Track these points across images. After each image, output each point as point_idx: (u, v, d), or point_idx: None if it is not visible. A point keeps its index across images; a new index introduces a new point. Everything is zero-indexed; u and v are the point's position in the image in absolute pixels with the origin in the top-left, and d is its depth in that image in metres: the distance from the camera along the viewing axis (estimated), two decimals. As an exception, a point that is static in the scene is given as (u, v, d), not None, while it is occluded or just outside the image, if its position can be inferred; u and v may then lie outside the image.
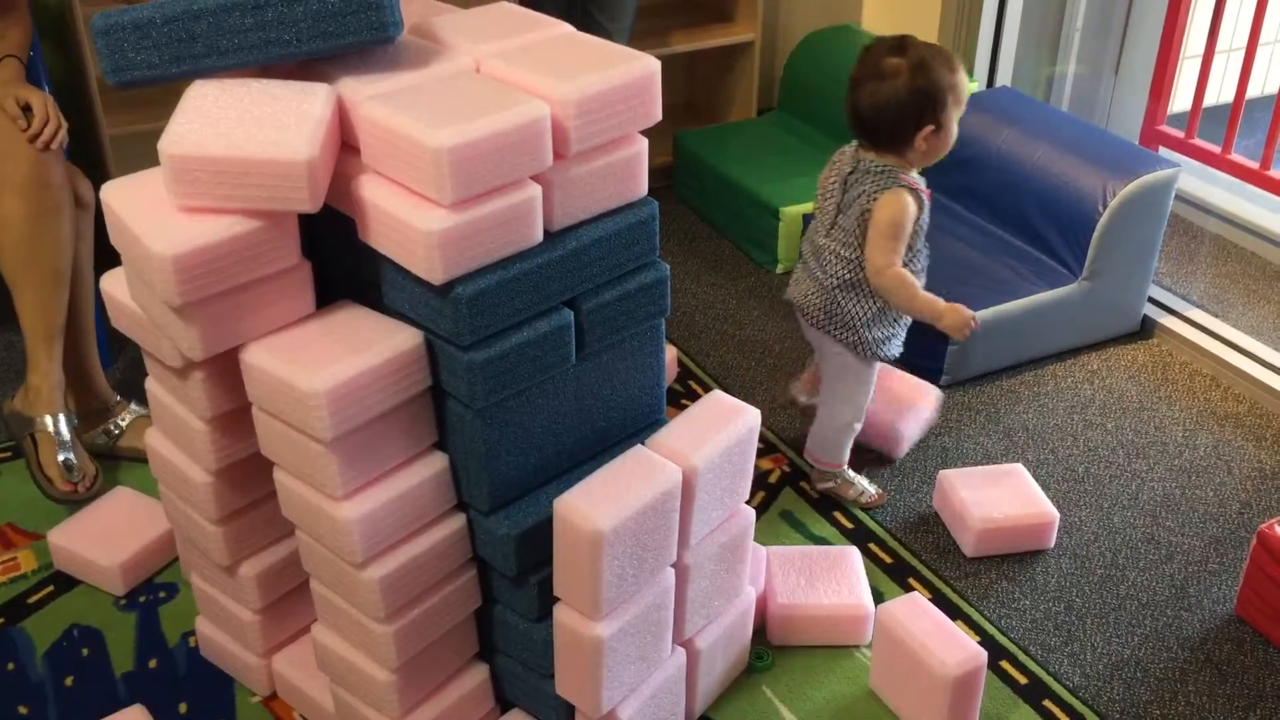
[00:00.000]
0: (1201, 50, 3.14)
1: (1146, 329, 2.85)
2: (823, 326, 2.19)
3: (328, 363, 1.54)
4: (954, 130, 2.08)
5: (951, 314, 2.10)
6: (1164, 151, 3.22)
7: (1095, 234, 2.64)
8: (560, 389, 1.71)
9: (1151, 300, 2.88)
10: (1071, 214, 2.69)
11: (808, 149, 3.37)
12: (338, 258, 1.72)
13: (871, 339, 2.17)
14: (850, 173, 2.13)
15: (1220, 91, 3.43)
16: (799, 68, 3.55)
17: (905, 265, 2.09)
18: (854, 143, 2.16)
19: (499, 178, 1.52)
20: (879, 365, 2.24)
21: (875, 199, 2.06)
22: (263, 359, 1.57)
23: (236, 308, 1.56)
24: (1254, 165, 3.07)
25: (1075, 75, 3.52)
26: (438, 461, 1.68)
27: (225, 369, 1.64)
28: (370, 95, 1.55)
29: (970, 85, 3.15)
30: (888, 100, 2.02)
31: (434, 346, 1.61)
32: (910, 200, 2.06)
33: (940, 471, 2.29)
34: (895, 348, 2.22)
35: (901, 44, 2.04)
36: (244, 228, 1.51)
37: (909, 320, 2.21)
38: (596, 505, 1.57)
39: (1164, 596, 2.13)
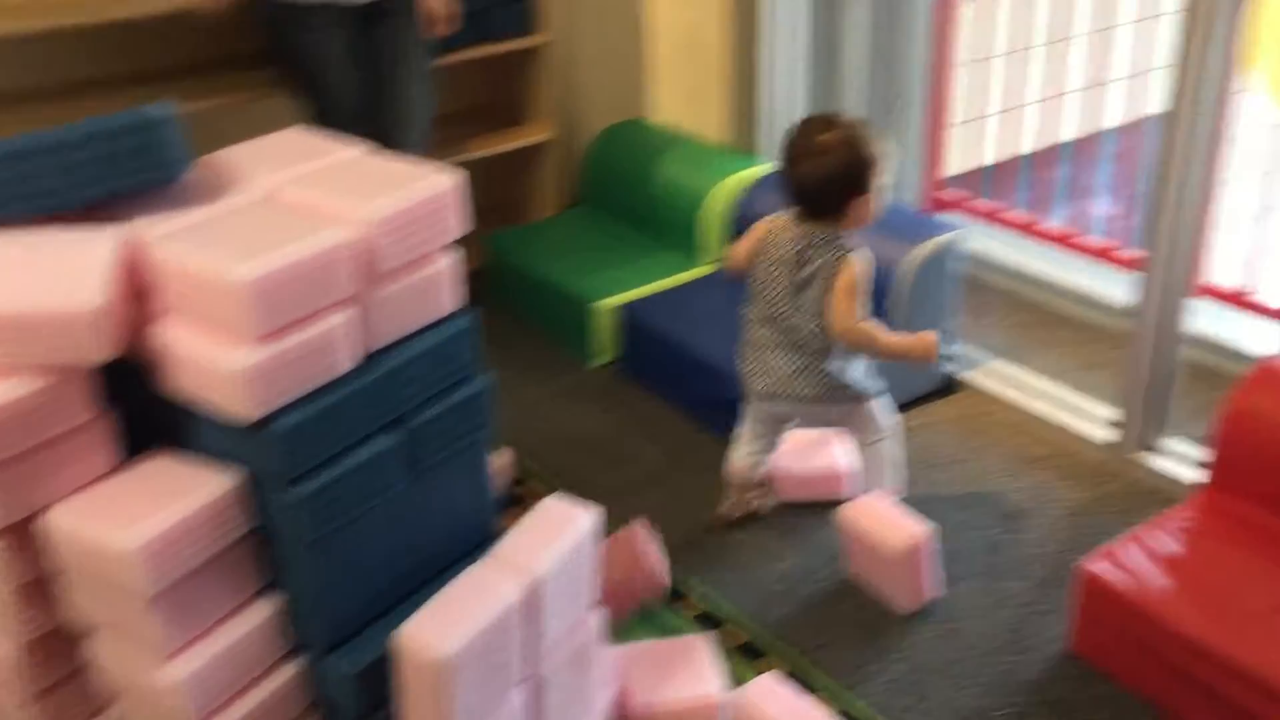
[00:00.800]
0: (968, 117, 3.35)
1: (953, 384, 2.98)
2: (827, 400, 2.30)
3: (140, 517, 1.46)
4: (879, 197, 2.24)
5: (919, 345, 2.28)
6: (947, 214, 3.40)
7: (895, 299, 2.76)
8: (391, 514, 1.66)
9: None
10: (872, 283, 2.80)
11: (614, 242, 3.43)
12: (144, 403, 1.63)
13: (867, 383, 2.36)
14: (804, 248, 2.23)
15: (990, 154, 3.67)
16: (597, 162, 3.62)
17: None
18: (784, 216, 2.28)
19: (305, 306, 1.48)
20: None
21: (837, 267, 2.21)
22: (69, 521, 1.48)
23: (33, 471, 1.47)
24: (1029, 220, 3.28)
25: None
26: (268, 605, 1.61)
27: (28, 535, 1.53)
28: (162, 234, 1.50)
29: (762, 166, 3.28)
30: (828, 174, 2.16)
31: (254, 486, 1.54)
32: (867, 259, 2.24)
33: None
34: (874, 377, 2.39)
35: (830, 121, 2.20)
36: (30, 388, 1.43)
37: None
38: (438, 632, 1.53)
39: (1001, 643, 2.20)
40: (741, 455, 2.48)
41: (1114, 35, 3.07)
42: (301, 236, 1.48)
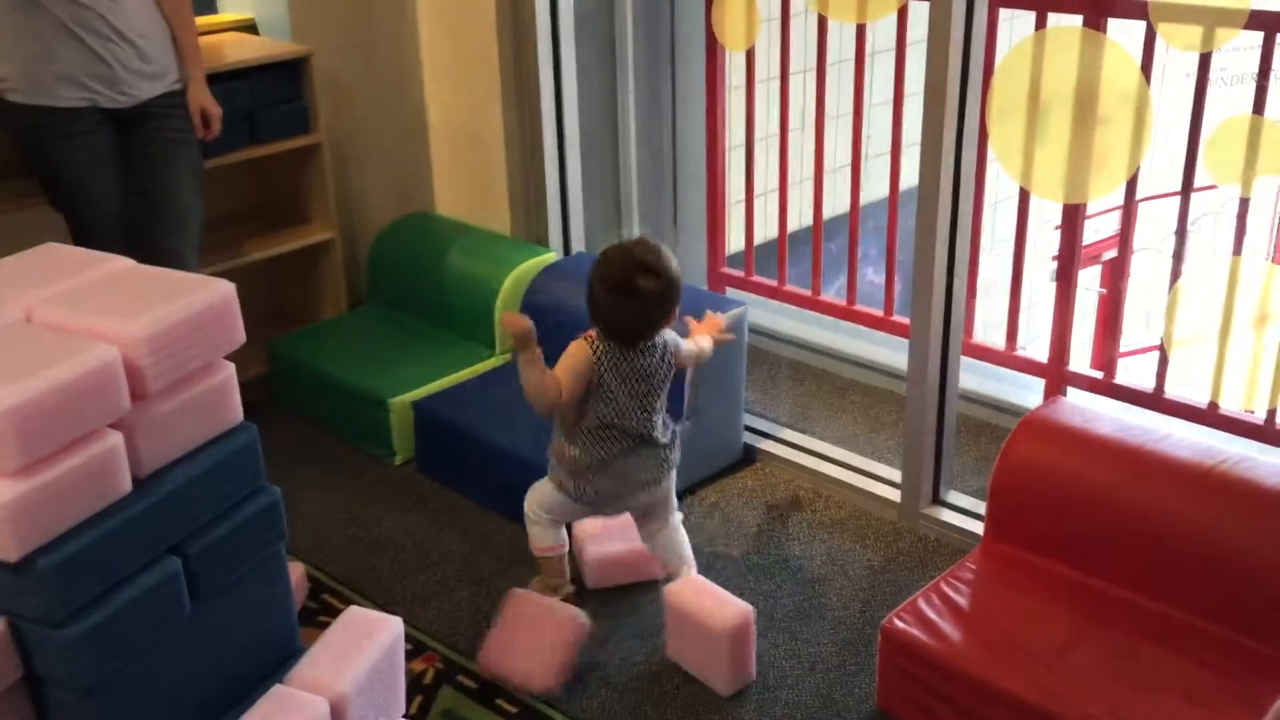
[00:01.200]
0: (743, 197, 3.49)
1: (749, 456, 3.05)
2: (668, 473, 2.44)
3: (-114, 678, 1.32)
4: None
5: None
6: (730, 291, 3.52)
7: (688, 377, 2.82)
8: (179, 644, 1.57)
9: (748, 428, 3.09)
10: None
11: (404, 336, 3.38)
12: (-115, 551, 1.50)
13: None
14: (650, 361, 2.33)
15: (766, 230, 3.81)
16: (382, 259, 3.58)
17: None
18: (603, 343, 2.32)
19: (70, 432, 1.40)
20: None
21: (674, 354, 2.39)
22: None
23: None
24: (807, 292, 3.42)
25: (641, 233, 3.79)
26: (44, 759, 1.48)
27: None
28: (-99, 367, 1.39)
29: (550, 255, 3.32)
30: (649, 311, 2.28)
31: (20, 629, 1.43)
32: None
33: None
34: None
35: (643, 263, 2.26)
36: None
37: None
38: (239, 764, 1.44)
39: (814, 707, 2.24)
40: (550, 532, 2.47)
41: (871, 115, 3.27)
42: (63, 359, 1.40)
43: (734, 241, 3.68)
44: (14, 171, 2.91)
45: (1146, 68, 2.54)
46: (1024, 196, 2.91)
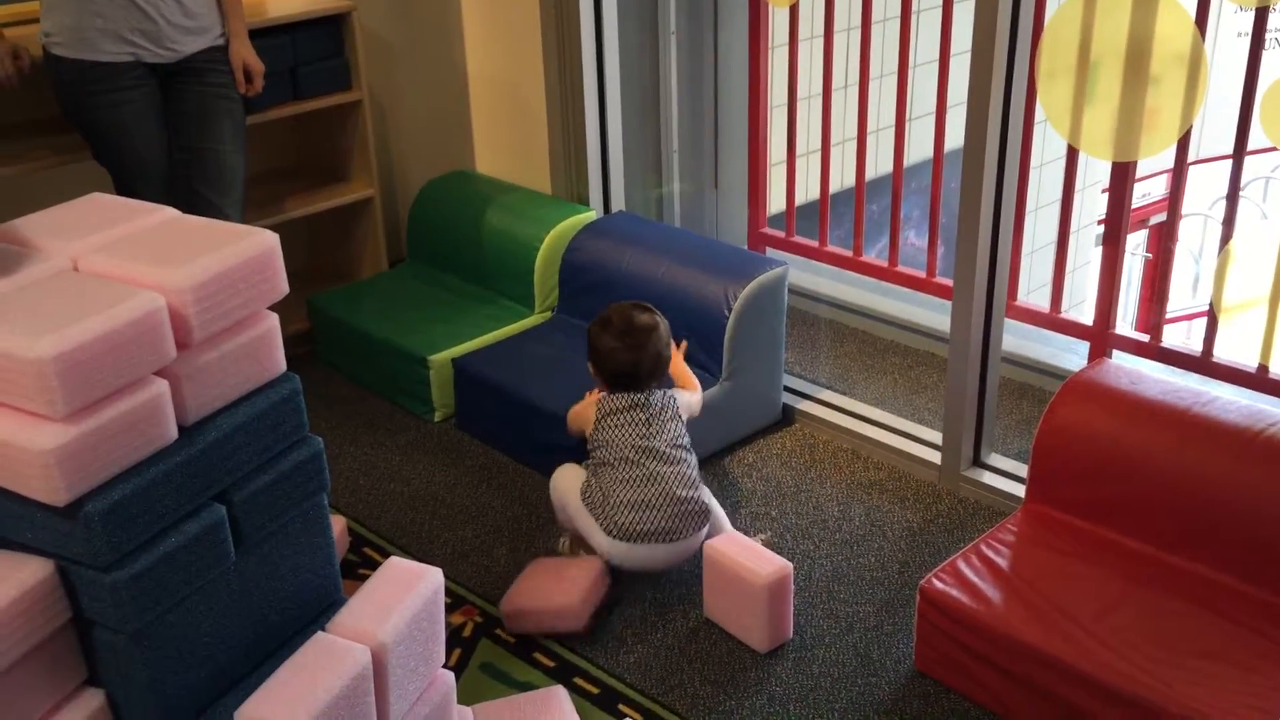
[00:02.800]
0: (785, 157, 3.45)
1: (788, 416, 3.04)
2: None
3: (-60, 617, 1.35)
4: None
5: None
6: (770, 251, 3.49)
7: (726, 337, 2.81)
8: (223, 591, 1.59)
9: (787, 389, 3.08)
10: (702, 321, 2.84)
11: (444, 294, 3.39)
12: (-63, 495, 1.52)
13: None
14: (658, 423, 2.43)
15: (807, 191, 3.78)
16: (423, 217, 3.58)
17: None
18: (629, 401, 2.44)
19: (117, 379, 1.41)
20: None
21: (676, 404, 2.49)
22: None
23: None
24: (848, 253, 3.38)
25: (681, 193, 3.77)
26: (92, 700, 1.51)
27: None
28: (-48, 312, 1.41)
29: (589, 214, 3.31)
30: (663, 344, 2.48)
31: (69, 573, 1.45)
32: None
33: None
34: None
35: (638, 305, 2.52)
36: None
37: None
38: (282, 708, 1.46)
39: (852, 667, 2.24)
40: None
41: (915, 74, 3.23)
42: (108, 307, 1.41)
43: (774, 202, 3.65)
44: (59, 126, 2.93)
45: (1201, 23, 2.48)
46: (1071, 158, 2.86)
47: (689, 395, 2.61)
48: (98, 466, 1.40)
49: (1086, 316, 2.89)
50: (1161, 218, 6.47)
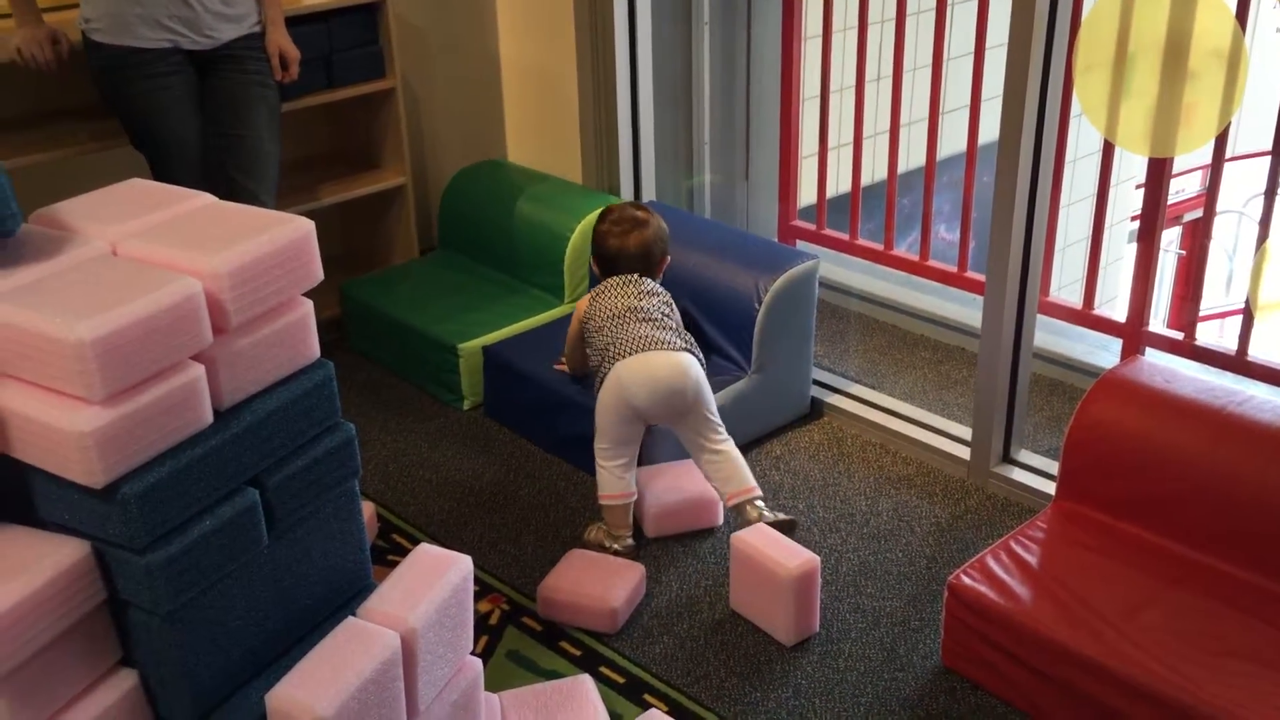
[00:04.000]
0: (816, 150, 3.44)
1: (816, 410, 3.03)
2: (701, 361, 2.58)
3: (-21, 596, 1.37)
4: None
5: None
6: (801, 244, 3.48)
7: (756, 329, 2.81)
8: (256, 574, 1.60)
9: (816, 382, 3.08)
10: (732, 313, 2.84)
11: (475, 282, 3.40)
12: (-23, 475, 1.54)
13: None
14: (645, 294, 2.62)
15: (838, 184, 3.77)
16: (454, 205, 3.59)
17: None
18: (619, 278, 2.64)
19: (154, 363, 1.42)
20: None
21: (672, 303, 2.67)
22: (-103, 605, 1.37)
23: None
24: (879, 247, 3.37)
25: (712, 184, 3.76)
26: (126, 679, 1.53)
27: None
28: (-6, 294, 1.42)
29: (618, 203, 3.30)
30: (650, 239, 2.67)
31: (104, 554, 1.47)
32: None
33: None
34: None
35: (635, 204, 2.78)
36: None
37: None
38: (312, 691, 1.47)
39: (878, 661, 2.24)
40: (619, 479, 2.50)
41: (949, 67, 3.20)
42: (146, 292, 1.42)
43: (804, 195, 3.64)
44: (98, 112, 2.96)
45: (1242, 18, 2.45)
46: (1107, 153, 2.84)
47: None
48: (134, 449, 1.41)
49: (1117, 314, 2.87)
50: (1195, 215, 6.40)
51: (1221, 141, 2.62)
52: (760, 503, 2.50)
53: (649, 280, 2.66)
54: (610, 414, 2.50)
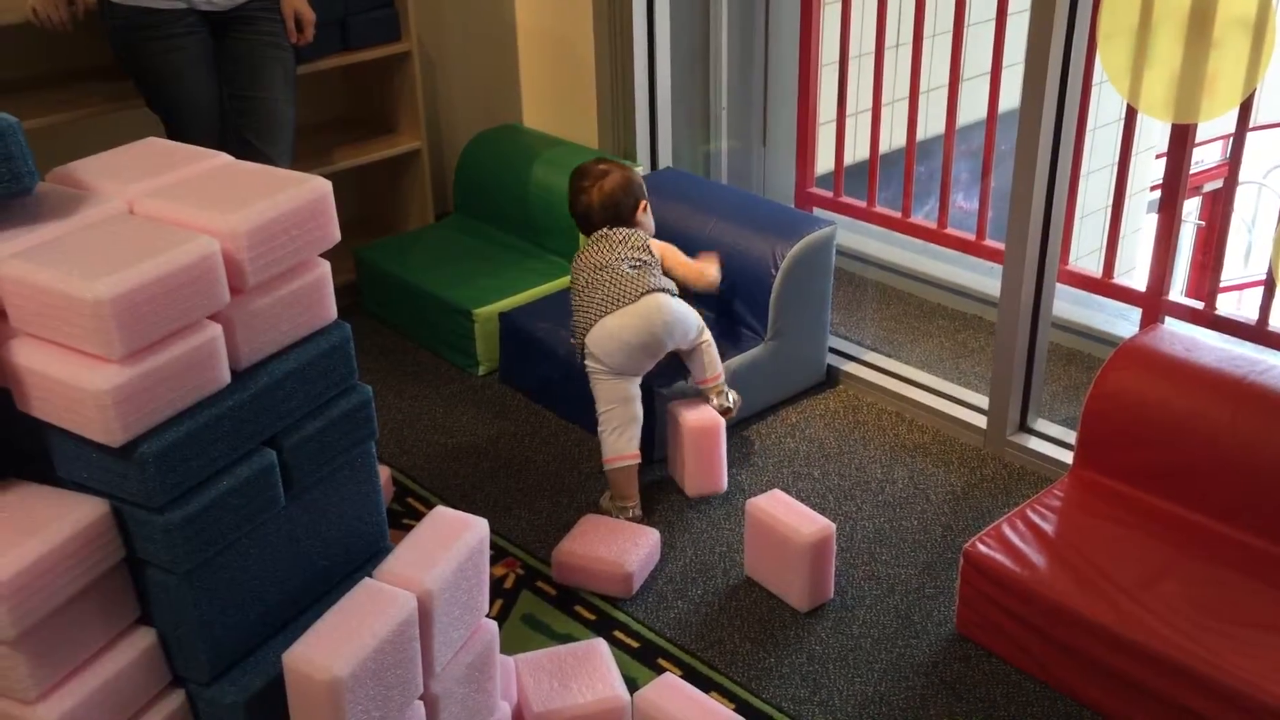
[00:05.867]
0: (834, 116, 3.41)
1: (832, 377, 3.02)
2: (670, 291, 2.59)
3: (-1, 552, 1.37)
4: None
5: (706, 265, 2.77)
6: (817, 211, 3.46)
7: (772, 295, 2.79)
8: (273, 534, 1.60)
9: (832, 350, 3.06)
10: (748, 279, 2.83)
11: (490, 248, 3.39)
12: (-4, 433, 1.54)
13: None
14: (616, 244, 2.61)
15: (856, 151, 3.74)
16: (469, 170, 3.57)
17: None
18: (594, 236, 2.65)
19: (172, 322, 1.42)
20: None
21: (645, 239, 2.65)
22: (-83, 562, 1.38)
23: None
24: (896, 215, 3.35)
25: (729, 150, 3.74)
26: (144, 637, 1.54)
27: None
28: (11, 252, 1.42)
29: (635, 167, 3.29)
30: (612, 189, 2.65)
31: (123, 513, 1.47)
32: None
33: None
34: None
35: (598, 159, 2.76)
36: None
37: None
38: (329, 651, 1.48)
39: (893, 628, 2.24)
40: (620, 439, 2.51)
41: (970, 33, 3.16)
42: (163, 250, 1.42)
43: (821, 162, 3.61)
44: (113, 73, 2.94)
45: (1270, -18, 2.41)
46: (1129, 120, 2.81)
47: (681, 261, 2.73)
48: (153, 408, 1.41)
49: (1135, 284, 2.84)
50: (1215, 185, 6.34)
51: (1245, 110, 2.58)
52: (723, 390, 2.63)
53: (622, 229, 2.64)
54: (597, 380, 2.53)
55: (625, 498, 2.52)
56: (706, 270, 2.75)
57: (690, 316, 2.58)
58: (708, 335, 2.63)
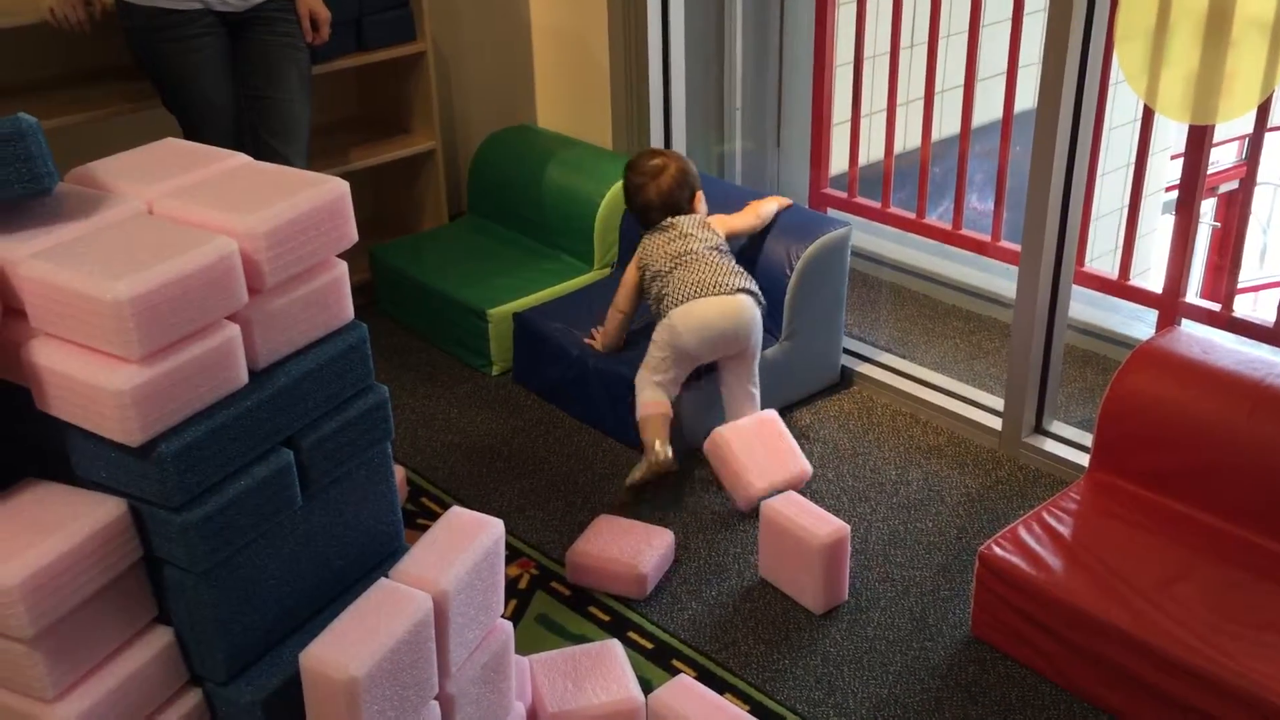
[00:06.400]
0: (849, 117, 3.41)
1: (846, 378, 3.02)
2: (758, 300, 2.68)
3: (18, 551, 1.38)
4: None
5: (759, 207, 2.86)
6: (831, 212, 3.45)
7: (787, 296, 2.79)
8: (289, 534, 1.61)
9: (846, 351, 3.06)
10: (763, 281, 2.82)
11: (503, 248, 3.39)
12: (14, 432, 1.55)
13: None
14: (684, 236, 2.70)
15: (870, 151, 3.73)
16: (483, 170, 3.58)
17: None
18: (658, 229, 2.74)
19: (190, 323, 1.42)
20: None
21: (703, 220, 2.76)
22: (-62, 560, 1.38)
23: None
24: (911, 216, 3.34)
25: (743, 150, 3.73)
26: (161, 636, 1.54)
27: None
28: (31, 252, 1.43)
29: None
30: (670, 186, 2.74)
31: (141, 513, 1.48)
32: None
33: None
34: None
35: (652, 151, 2.86)
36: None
37: None
38: (346, 651, 1.48)
39: (907, 630, 2.23)
40: (656, 390, 2.59)
41: (985, 33, 3.15)
42: (183, 251, 1.42)
43: (836, 163, 3.60)
44: (130, 73, 2.95)
45: (1289, -17, 2.40)
46: (1146, 121, 2.80)
47: (734, 218, 2.83)
48: (171, 408, 1.42)
49: (1150, 285, 2.83)
50: (1231, 186, 6.32)
51: (1264, 111, 2.57)
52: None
53: (685, 217, 2.73)
54: (661, 351, 2.61)
55: (657, 439, 2.54)
56: (761, 212, 2.84)
57: (759, 326, 2.68)
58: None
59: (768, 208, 2.86)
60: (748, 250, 2.87)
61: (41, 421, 1.47)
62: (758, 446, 2.54)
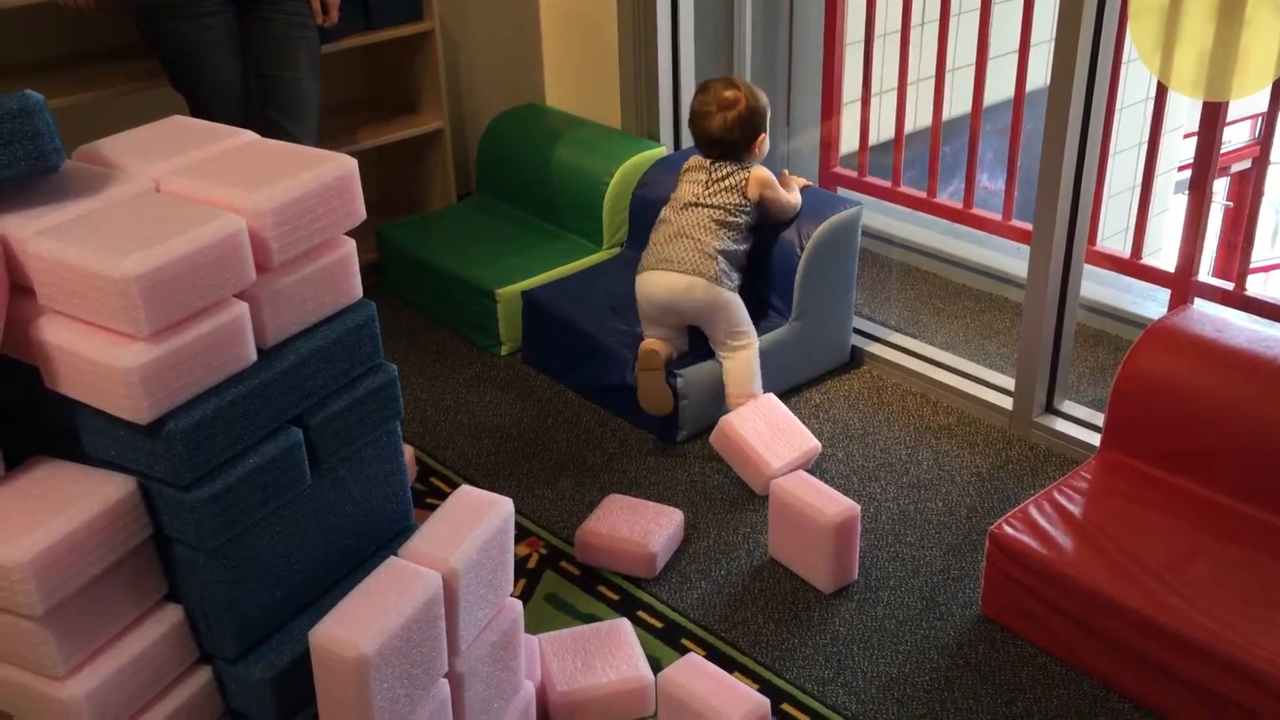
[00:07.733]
0: (859, 95, 3.38)
1: (856, 358, 3.01)
2: (717, 282, 2.64)
3: (27, 529, 1.38)
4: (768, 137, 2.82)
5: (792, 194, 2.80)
6: (842, 191, 3.43)
7: (797, 276, 2.78)
8: (299, 513, 1.61)
9: (856, 330, 3.04)
10: (774, 260, 2.81)
11: (512, 228, 3.38)
12: (24, 410, 1.55)
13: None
14: (710, 184, 2.71)
15: (880, 130, 3.71)
16: (491, 150, 3.57)
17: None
18: (700, 159, 2.76)
19: (198, 300, 1.42)
20: None
21: (745, 178, 2.71)
22: (-52, 538, 1.39)
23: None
24: (922, 195, 3.32)
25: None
26: (171, 614, 1.55)
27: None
28: (39, 230, 1.42)
29: (660, 149, 3.27)
30: (732, 124, 2.69)
31: (150, 491, 1.48)
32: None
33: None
34: None
35: (730, 81, 2.76)
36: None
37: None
38: (356, 628, 1.48)
39: (917, 610, 2.23)
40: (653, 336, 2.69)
41: (997, 11, 3.13)
42: (191, 228, 1.42)
43: (845, 142, 3.58)
44: (137, 52, 2.94)
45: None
46: (1160, 99, 2.77)
47: (781, 191, 2.76)
48: (180, 386, 1.41)
49: (1162, 265, 2.82)
50: (1243, 165, 6.28)
51: (1278, 89, 2.55)
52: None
53: (726, 167, 2.70)
54: (639, 308, 2.73)
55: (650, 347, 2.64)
56: (795, 201, 2.80)
57: (736, 312, 2.66)
58: (753, 349, 2.67)
59: (799, 196, 2.82)
60: (758, 228, 2.86)
61: (50, 400, 1.47)
62: (764, 429, 2.54)
